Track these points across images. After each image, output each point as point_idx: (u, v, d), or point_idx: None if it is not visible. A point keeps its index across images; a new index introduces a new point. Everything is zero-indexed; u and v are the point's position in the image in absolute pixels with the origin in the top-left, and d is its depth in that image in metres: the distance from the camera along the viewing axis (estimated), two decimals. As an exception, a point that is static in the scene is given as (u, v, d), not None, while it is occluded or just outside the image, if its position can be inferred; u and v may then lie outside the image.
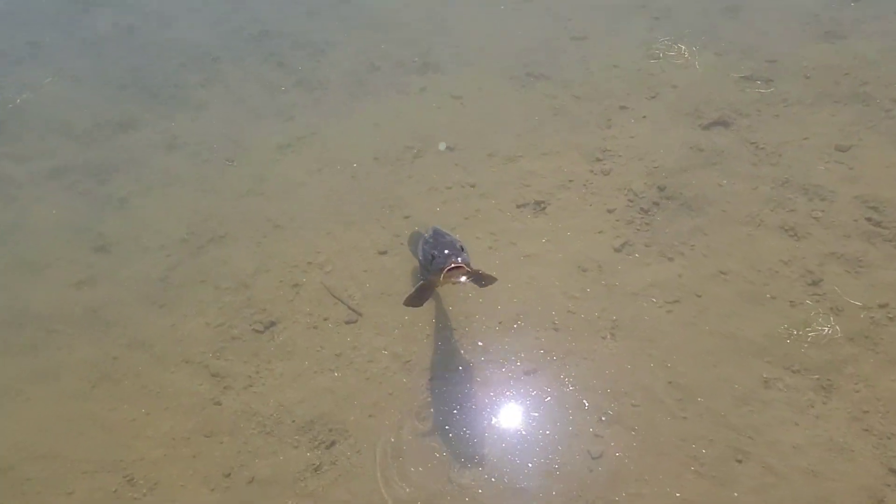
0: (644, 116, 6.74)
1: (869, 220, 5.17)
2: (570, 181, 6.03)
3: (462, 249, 3.82)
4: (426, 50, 8.05)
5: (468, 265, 3.79)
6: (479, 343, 4.71)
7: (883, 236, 5.04)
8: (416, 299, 4.21)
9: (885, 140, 5.95)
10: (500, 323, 4.86)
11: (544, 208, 5.79)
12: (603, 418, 4.22)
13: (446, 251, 3.78)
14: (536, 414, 4.27)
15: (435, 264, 3.77)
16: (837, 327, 4.44)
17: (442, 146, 6.45)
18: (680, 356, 4.49)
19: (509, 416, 4.28)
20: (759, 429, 4.03)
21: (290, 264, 5.44)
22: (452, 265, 3.68)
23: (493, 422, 4.27)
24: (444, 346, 4.73)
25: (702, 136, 6.37)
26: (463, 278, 3.93)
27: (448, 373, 4.55)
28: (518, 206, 5.84)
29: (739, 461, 3.91)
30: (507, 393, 4.41)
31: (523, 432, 4.19)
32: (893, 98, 6.44)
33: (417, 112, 7.07)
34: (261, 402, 4.51)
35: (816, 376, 4.25)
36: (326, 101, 7.30)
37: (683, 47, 7.50)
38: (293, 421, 4.37)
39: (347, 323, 4.97)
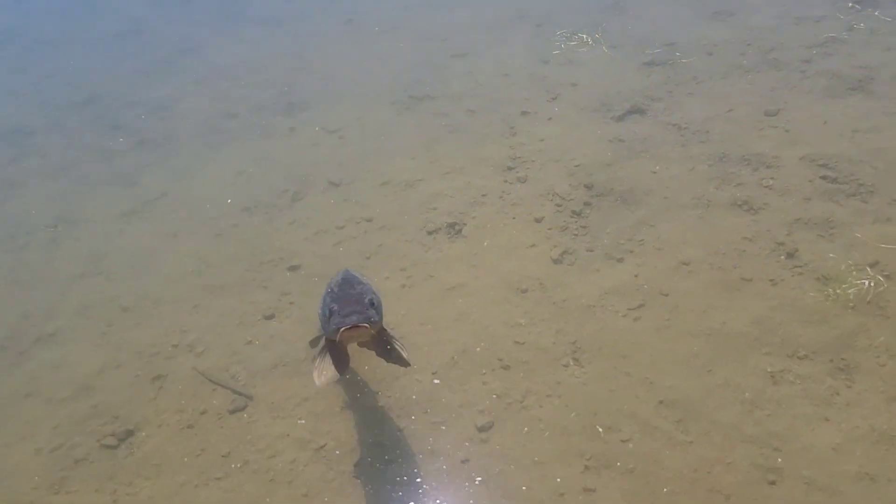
0: (549, 118, 6.30)
1: (824, 178, 4.81)
2: (484, 196, 5.40)
3: (371, 304, 2.91)
4: (288, 90, 7.41)
5: (374, 325, 2.90)
6: (414, 404, 3.84)
7: (844, 192, 4.66)
8: (330, 365, 3.07)
9: (811, 99, 5.75)
10: (434, 373, 4.02)
11: (460, 230, 5.09)
12: (589, 465, 3.41)
13: (348, 307, 2.88)
14: (505, 479, 3.40)
15: (332, 322, 2.87)
16: (880, 277, 3.91)
17: None
18: (663, 368, 3.81)
19: (470, 491, 3.38)
20: (782, 436, 3.35)
21: (147, 353, 4.40)
22: (350, 325, 2.78)
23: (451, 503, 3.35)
24: (367, 416, 3.83)
25: (618, 127, 5.97)
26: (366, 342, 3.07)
27: (379, 450, 3.63)
28: (429, 233, 5.12)
29: (773, 482, 3.19)
30: (462, 461, 3.54)
31: (493, 506, 3.29)
32: (803, 59, 6.33)
33: (289, 153, 6.32)
34: (124, 543, 3.38)
35: (829, 358, 3.66)
36: (177, 158, 6.42)
37: (585, 35, 7.22)
38: (173, 560, 3.27)
39: (233, 412, 3.98)
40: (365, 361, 4.10)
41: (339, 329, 2.78)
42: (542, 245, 4.82)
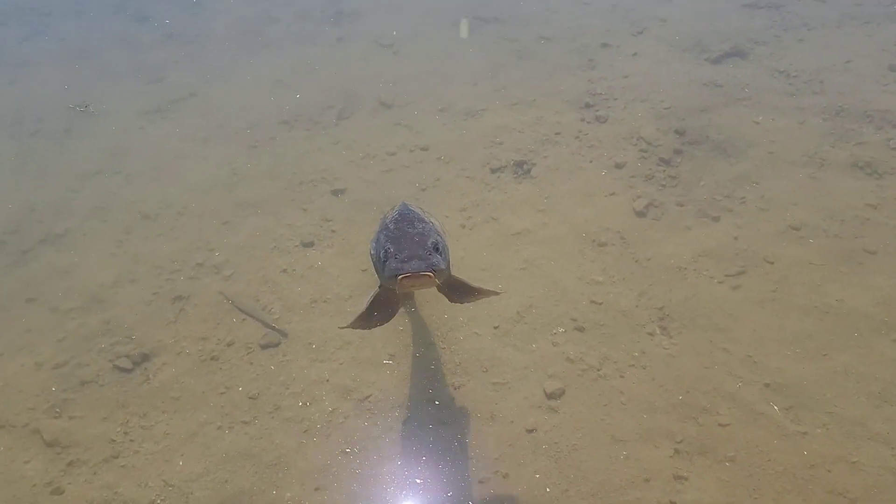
0: (634, 54, 5.80)
1: (968, 143, 4.32)
2: (557, 134, 4.96)
3: (435, 249, 2.51)
4: (338, -5, 6.92)
5: (439, 274, 2.48)
6: (472, 360, 3.47)
7: None
8: (365, 319, 2.80)
9: (945, 56, 5.21)
10: (496, 327, 3.63)
11: (529, 170, 4.67)
12: (680, 449, 3.03)
13: (407, 250, 2.47)
14: (579, 457, 3.04)
15: (388, 268, 2.46)
16: None
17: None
18: (769, 347, 3.41)
19: (537, 466, 3.02)
20: (920, 438, 2.95)
21: (168, 269, 4.07)
22: (409, 273, 2.38)
23: (512, 480, 2.99)
24: (417, 369, 3.48)
25: (714, 70, 5.47)
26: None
27: (431, 409, 3.28)
28: (493, 171, 4.70)
29: (907, 490, 2.79)
30: (528, 430, 3.18)
31: (565, 489, 2.94)
32: (935, 12, 5.77)
33: (336, 65, 5.89)
34: (133, 482, 3.10)
35: (976, 351, 3.23)
36: (209, 57, 6.03)
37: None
38: (190, 510, 2.95)
39: (265, 348, 3.63)
40: (420, 304, 3.73)
41: (396, 276, 2.38)
42: (623, 194, 4.41)
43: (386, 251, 2.49)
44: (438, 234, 2.63)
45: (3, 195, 4.74)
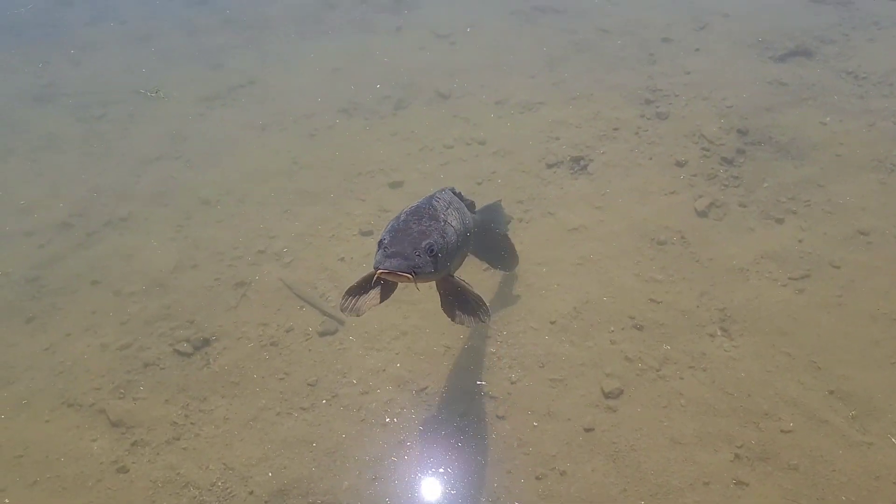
0: (697, 49, 5.74)
1: None
2: (615, 130, 4.94)
3: (429, 251, 2.45)
4: (397, -17, 6.98)
5: (421, 277, 2.43)
6: (529, 354, 3.50)
7: None
8: (355, 291, 2.77)
9: None
10: (552, 322, 3.64)
11: (586, 166, 4.66)
12: (741, 454, 3.02)
13: (396, 246, 2.45)
14: (636, 457, 3.04)
15: (375, 258, 2.45)
16: None
17: None
18: (834, 353, 3.36)
19: (595, 466, 3.03)
20: None
21: (229, 255, 4.16)
22: (386, 270, 2.37)
23: (569, 478, 3.01)
24: (473, 362, 3.51)
25: (779, 68, 5.39)
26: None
27: (488, 403, 3.30)
28: (549, 166, 4.71)
29: (978, 507, 2.75)
30: (585, 429, 3.19)
31: (623, 489, 2.95)
32: None
33: (394, 54, 5.95)
34: (194, 464, 3.18)
35: None
36: (267, 44, 6.14)
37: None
38: (251, 493, 3.05)
39: (323, 335, 3.70)
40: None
41: (376, 269, 2.40)
42: (683, 193, 4.38)
43: (380, 241, 2.51)
44: (443, 235, 2.55)
45: (71, 178, 4.90)
